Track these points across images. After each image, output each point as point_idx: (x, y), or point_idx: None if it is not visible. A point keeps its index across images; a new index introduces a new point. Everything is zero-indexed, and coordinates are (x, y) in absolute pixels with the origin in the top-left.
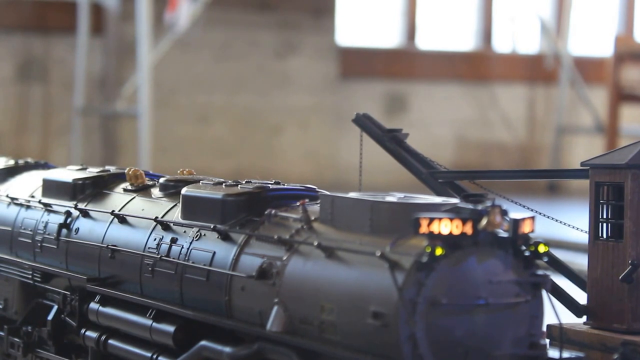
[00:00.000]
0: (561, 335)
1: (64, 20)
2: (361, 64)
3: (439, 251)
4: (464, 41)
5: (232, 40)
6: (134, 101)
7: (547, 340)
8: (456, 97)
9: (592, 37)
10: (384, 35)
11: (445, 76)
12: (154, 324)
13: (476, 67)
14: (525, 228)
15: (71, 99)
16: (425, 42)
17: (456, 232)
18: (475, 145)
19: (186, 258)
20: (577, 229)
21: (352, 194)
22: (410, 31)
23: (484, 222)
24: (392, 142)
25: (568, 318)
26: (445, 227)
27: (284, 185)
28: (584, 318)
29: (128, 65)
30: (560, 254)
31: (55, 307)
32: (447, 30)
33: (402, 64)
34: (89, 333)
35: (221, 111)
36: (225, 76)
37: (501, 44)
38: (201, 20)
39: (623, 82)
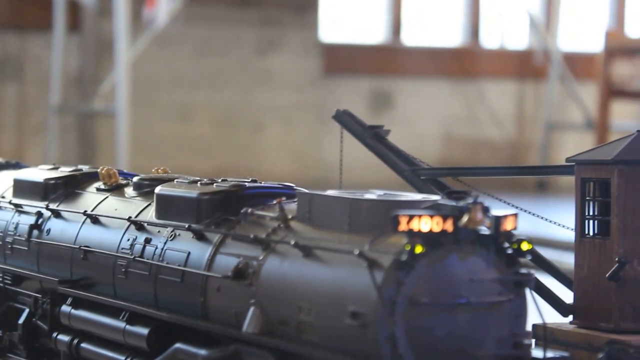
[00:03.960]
0: (545, 335)
1: (40, 17)
2: (345, 60)
3: (418, 249)
4: (451, 37)
5: (212, 36)
6: (112, 99)
7: (533, 340)
8: (443, 94)
9: (582, 32)
10: (369, 31)
11: (432, 72)
12: (128, 326)
13: (463, 63)
14: (508, 225)
15: (47, 98)
16: (411, 38)
17: (436, 229)
18: (464, 142)
19: (160, 259)
20: (563, 226)
21: (330, 192)
22: (396, 27)
23: (465, 219)
24: (373, 139)
25: (555, 318)
26: (425, 224)
27: (260, 183)
28: (571, 317)
29: (106, 62)
30: (551, 253)
31: (27, 310)
32: (433, 26)
33: (388, 60)
34: (61, 337)
35: (202, 109)
36: (206, 73)
37: (489, 40)
38: (181, 16)
39: (613, 78)
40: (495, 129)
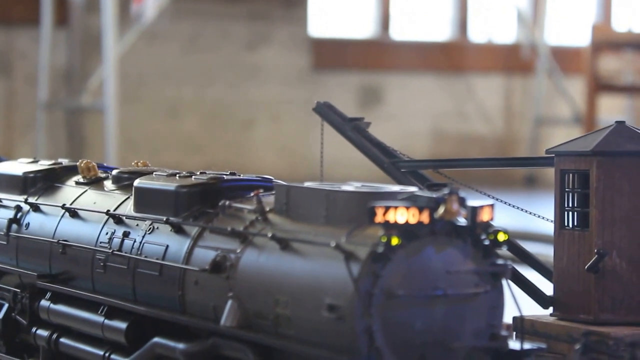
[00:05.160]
0: (522, 326)
1: (27, 11)
2: (334, 55)
3: (394, 241)
4: (439, 31)
5: (201, 31)
6: (100, 95)
7: (514, 332)
8: (432, 89)
9: (570, 26)
10: (358, 25)
11: (420, 67)
12: (106, 320)
13: (452, 57)
14: (484, 216)
15: (35, 94)
16: (400, 32)
17: (412, 221)
18: (452, 137)
19: (139, 252)
20: (543, 218)
21: (308, 184)
22: (384, 21)
23: (441, 210)
24: (354, 131)
25: (535, 310)
26: (401, 216)
27: (239, 176)
28: (551, 309)
29: (94, 57)
30: (537, 247)
31: (6, 305)
32: (422, 20)
33: (377, 55)
34: (40, 332)
35: (191, 105)
36: (194, 69)
37: (477, 34)
38: (169, 11)
39: (601, 72)
40: (484, 124)
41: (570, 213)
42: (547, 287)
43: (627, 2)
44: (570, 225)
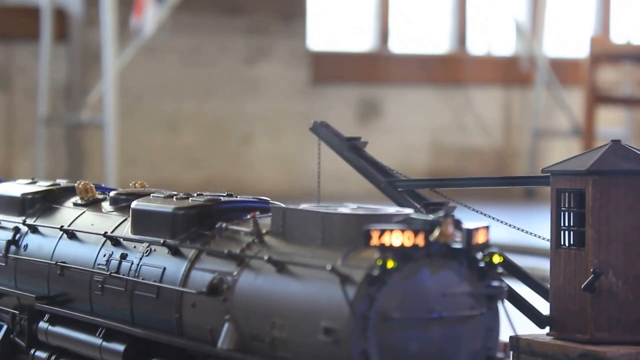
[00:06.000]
0: (518, 347)
1: (27, 26)
2: (333, 68)
3: (390, 264)
4: (438, 44)
5: (200, 45)
6: (100, 110)
7: (511, 352)
8: (431, 102)
9: (568, 38)
10: (357, 39)
11: (419, 80)
12: (104, 343)
13: (451, 70)
14: (480, 238)
15: (35, 109)
16: (399, 45)
17: (408, 243)
18: (451, 150)
19: (136, 274)
20: (538, 236)
21: (304, 206)
22: (383, 34)
23: (436, 233)
24: (351, 151)
25: (532, 329)
26: (397, 238)
27: (236, 197)
28: (548, 329)
29: (93, 72)
30: (536, 261)
31: (5, 326)
32: (420, 33)
33: (375, 68)
34: (38, 353)
35: (190, 119)
36: (193, 82)
37: (476, 47)
38: (168, 25)
39: (599, 84)
40: (483, 137)
41: (566, 232)
42: (542, 306)
43: (626, 14)
44: (567, 244)
